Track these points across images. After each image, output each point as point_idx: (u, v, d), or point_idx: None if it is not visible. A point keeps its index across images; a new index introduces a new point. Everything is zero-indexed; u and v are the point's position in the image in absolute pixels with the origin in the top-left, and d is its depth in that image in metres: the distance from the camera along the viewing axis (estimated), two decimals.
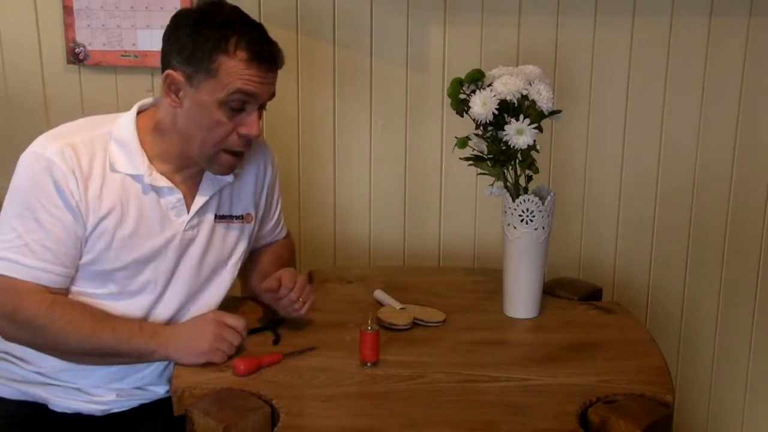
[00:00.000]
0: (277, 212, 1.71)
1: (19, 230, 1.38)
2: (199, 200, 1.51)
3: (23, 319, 1.36)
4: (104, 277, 1.44)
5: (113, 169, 1.43)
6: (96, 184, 1.41)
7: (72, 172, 1.38)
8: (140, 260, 1.46)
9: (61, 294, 1.41)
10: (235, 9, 1.44)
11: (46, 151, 1.39)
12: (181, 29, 1.41)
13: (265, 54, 1.40)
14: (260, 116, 1.45)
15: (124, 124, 1.46)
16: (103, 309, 1.43)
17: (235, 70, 1.38)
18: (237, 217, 1.58)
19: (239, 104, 1.40)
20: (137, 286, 1.47)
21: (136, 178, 1.44)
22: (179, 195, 1.48)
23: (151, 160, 1.45)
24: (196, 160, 1.46)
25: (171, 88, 1.42)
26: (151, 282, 1.47)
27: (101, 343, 1.39)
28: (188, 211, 1.50)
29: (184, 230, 1.49)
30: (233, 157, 1.45)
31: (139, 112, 1.49)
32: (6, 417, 1.47)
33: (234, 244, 1.58)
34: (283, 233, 1.76)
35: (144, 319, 1.47)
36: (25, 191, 1.39)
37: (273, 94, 1.45)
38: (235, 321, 1.45)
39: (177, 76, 1.40)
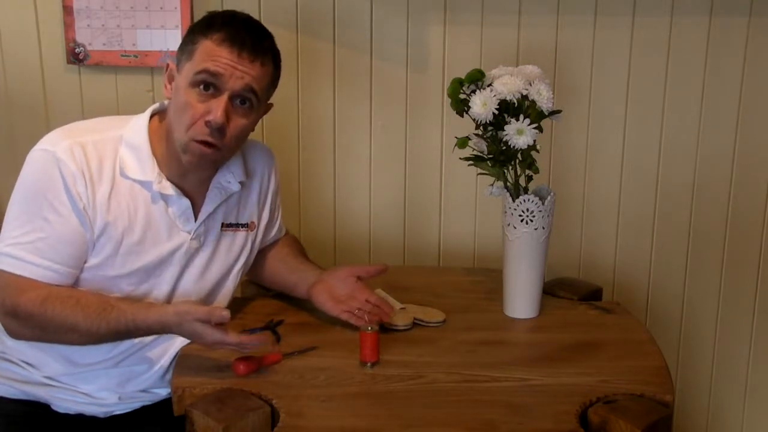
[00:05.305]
0: (279, 216, 1.71)
1: (27, 227, 1.37)
2: (207, 209, 1.50)
3: (24, 315, 1.36)
4: (109, 284, 1.43)
5: (123, 175, 1.42)
6: (105, 188, 1.40)
7: (81, 172, 1.38)
8: (146, 268, 1.45)
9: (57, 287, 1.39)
10: (243, 14, 1.45)
11: (56, 149, 1.38)
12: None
13: (239, 39, 1.38)
14: (247, 118, 1.42)
15: (137, 127, 1.46)
16: (99, 296, 1.40)
17: (207, 50, 1.38)
18: (242, 225, 1.58)
19: (206, 86, 1.38)
20: (141, 294, 1.46)
21: (144, 184, 1.43)
22: (187, 203, 1.47)
23: (160, 165, 1.44)
24: (178, 152, 1.42)
25: (168, 78, 1.45)
26: (155, 290, 1.47)
27: (99, 338, 1.37)
28: (195, 220, 1.49)
29: (191, 239, 1.49)
30: (202, 146, 1.40)
31: (152, 116, 1.49)
32: (7, 416, 1.47)
33: (239, 253, 1.58)
34: (283, 231, 1.76)
35: (139, 303, 1.42)
36: (34, 188, 1.38)
37: (252, 91, 1.40)
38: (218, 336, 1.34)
39: (172, 65, 1.45)
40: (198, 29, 1.42)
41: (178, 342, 1.49)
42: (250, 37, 1.39)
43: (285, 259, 1.68)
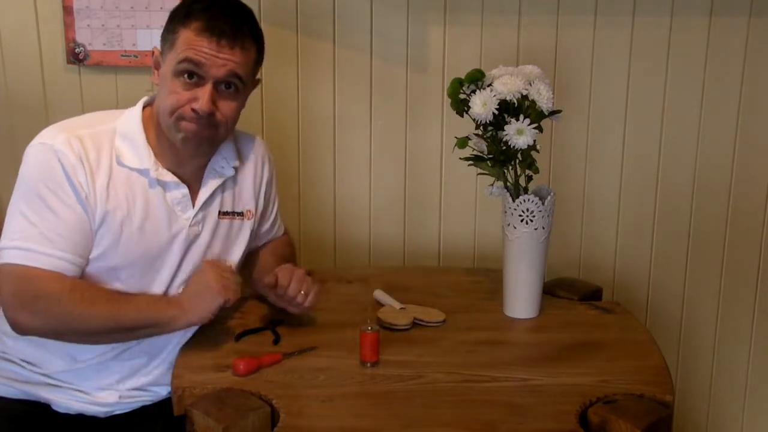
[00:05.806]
0: (275, 210, 1.71)
1: (33, 219, 1.37)
2: (203, 194, 1.51)
3: (44, 307, 1.35)
4: (110, 275, 1.44)
5: (120, 163, 1.43)
6: (103, 178, 1.41)
7: (81, 162, 1.38)
8: (146, 256, 1.46)
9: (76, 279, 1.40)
10: None
11: (54, 142, 1.38)
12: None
13: (218, 27, 1.38)
14: (235, 100, 1.44)
15: (130, 118, 1.47)
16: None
17: (187, 39, 1.39)
18: (239, 214, 1.58)
19: (190, 75, 1.39)
20: (143, 284, 1.46)
21: (142, 172, 1.44)
22: (185, 190, 1.48)
23: (156, 155, 1.45)
24: (167, 136, 1.44)
25: (155, 65, 1.47)
26: (156, 279, 1.47)
27: (123, 317, 1.38)
28: (193, 206, 1.50)
29: (190, 226, 1.49)
30: (191, 123, 1.41)
31: (144, 107, 1.49)
32: (7, 416, 1.47)
33: (235, 241, 1.58)
34: (281, 231, 1.76)
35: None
36: (35, 181, 1.38)
37: (236, 76, 1.41)
38: (223, 262, 1.51)
39: (157, 52, 1.46)
40: (177, 17, 1.42)
41: (179, 336, 1.50)
42: (228, 24, 1.40)
43: (266, 265, 1.68)
